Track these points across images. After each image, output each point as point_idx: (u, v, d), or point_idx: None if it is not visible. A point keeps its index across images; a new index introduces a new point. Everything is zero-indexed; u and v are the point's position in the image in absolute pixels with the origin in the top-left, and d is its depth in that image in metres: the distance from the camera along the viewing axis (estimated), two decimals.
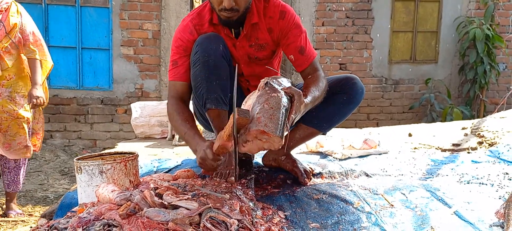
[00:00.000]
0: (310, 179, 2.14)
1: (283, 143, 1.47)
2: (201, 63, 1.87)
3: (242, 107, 1.63)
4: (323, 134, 2.16)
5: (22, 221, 3.45)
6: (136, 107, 3.73)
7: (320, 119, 2.06)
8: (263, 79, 1.62)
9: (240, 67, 2.09)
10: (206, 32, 1.99)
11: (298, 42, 1.99)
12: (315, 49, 6.79)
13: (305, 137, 2.16)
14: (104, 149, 6.14)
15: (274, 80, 1.63)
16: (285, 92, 1.56)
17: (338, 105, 2.02)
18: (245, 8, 1.90)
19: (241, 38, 2.01)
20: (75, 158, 1.72)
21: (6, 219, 3.45)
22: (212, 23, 1.99)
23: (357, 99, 2.04)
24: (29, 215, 3.73)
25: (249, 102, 1.61)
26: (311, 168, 2.23)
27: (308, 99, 1.69)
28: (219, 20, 1.96)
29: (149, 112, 3.65)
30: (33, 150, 3.50)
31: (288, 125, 1.52)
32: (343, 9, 6.77)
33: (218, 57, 1.87)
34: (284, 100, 1.52)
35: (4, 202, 3.69)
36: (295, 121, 1.64)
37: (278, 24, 2.00)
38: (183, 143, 3.40)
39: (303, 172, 2.11)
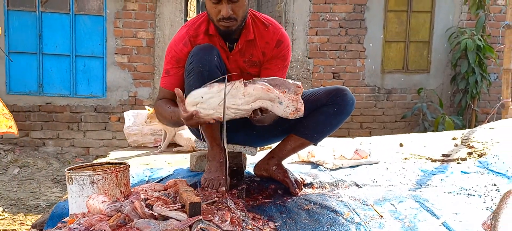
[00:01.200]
0: (301, 189, 2.15)
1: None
2: (195, 73, 1.88)
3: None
4: (314, 144, 2.18)
5: (13, 230, 3.44)
6: (129, 116, 3.73)
7: (310, 129, 2.08)
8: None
9: (232, 79, 2.11)
10: (200, 43, 2.02)
11: (274, 73, 2.02)
12: (309, 58, 6.84)
13: (296, 147, 2.18)
14: (97, 157, 6.13)
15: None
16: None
17: (328, 116, 2.05)
18: (242, 18, 1.93)
19: (235, 53, 2.03)
20: (66, 168, 1.73)
21: None
22: (207, 34, 2.01)
23: (347, 111, 2.07)
24: (20, 223, 3.72)
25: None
26: (302, 178, 2.24)
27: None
28: (217, 30, 1.98)
29: (142, 120, 3.65)
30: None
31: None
32: (336, 18, 6.83)
33: (212, 67, 1.88)
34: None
35: None
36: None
37: (272, 52, 2.04)
38: (175, 150, 3.40)
39: (293, 182, 2.13)
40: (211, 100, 1.66)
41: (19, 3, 6.22)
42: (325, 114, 2.05)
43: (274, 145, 2.31)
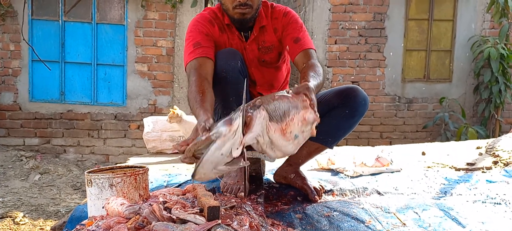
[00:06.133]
0: (321, 196, 2.11)
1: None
2: (218, 78, 1.87)
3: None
4: (330, 148, 2.14)
5: None
6: (148, 122, 3.75)
7: (324, 133, 2.02)
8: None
9: (252, 72, 2.10)
10: (221, 28, 2.02)
11: (295, 34, 2.01)
12: (328, 67, 6.79)
13: (311, 152, 2.14)
14: (117, 164, 6.18)
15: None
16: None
17: (341, 119, 1.98)
18: (257, 6, 1.96)
19: (251, 41, 2.05)
20: (86, 171, 1.73)
21: None
22: (225, 24, 2.02)
23: (360, 112, 2.00)
24: (40, 229, 3.75)
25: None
26: (321, 186, 2.20)
27: (311, 83, 1.65)
28: (232, 21, 1.99)
29: (161, 127, 3.67)
30: None
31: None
32: (356, 27, 6.78)
33: (236, 73, 1.88)
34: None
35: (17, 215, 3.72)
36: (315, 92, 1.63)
37: (281, 22, 2.05)
38: None
39: (313, 189, 2.09)
40: (231, 150, 1.46)
41: (43, 12, 6.35)
42: (338, 117, 1.99)
43: None
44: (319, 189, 2.13)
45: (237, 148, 1.45)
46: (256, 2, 1.94)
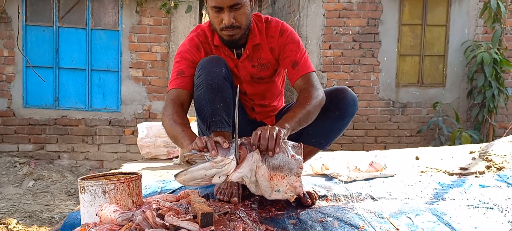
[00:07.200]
0: (314, 200, 2.12)
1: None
2: (204, 86, 1.87)
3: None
4: (322, 150, 2.15)
5: None
6: (143, 128, 3.75)
7: (317, 136, 2.04)
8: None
9: (243, 87, 2.10)
10: (211, 51, 2.01)
11: (293, 57, 1.99)
12: (322, 72, 6.82)
13: (305, 155, 2.14)
14: (111, 170, 6.16)
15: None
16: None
17: (331, 122, 1.99)
18: (246, 26, 1.92)
19: (243, 59, 2.02)
20: (79, 178, 1.73)
21: None
22: (214, 44, 2.01)
23: (349, 113, 2.00)
24: None
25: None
26: (314, 190, 2.21)
27: (289, 125, 1.73)
28: (221, 41, 1.97)
29: (155, 132, 3.66)
30: None
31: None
32: (350, 32, 6.81)
33: (221, 79, 1.87)
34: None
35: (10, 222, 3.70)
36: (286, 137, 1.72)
37: (278, 42, 2.02)
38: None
39: (305, 193, 2.09)
40: (214, 176, 1.57)
41: (37, 18, 6.34)
42: (328, 120, 1.99)
43: None
44: (312, 192, 2.14)
45: (220, 177, 1.57)
46: (244, 22, 1.89)
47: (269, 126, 1.66)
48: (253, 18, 2.00)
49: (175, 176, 1.58)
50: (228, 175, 1.57)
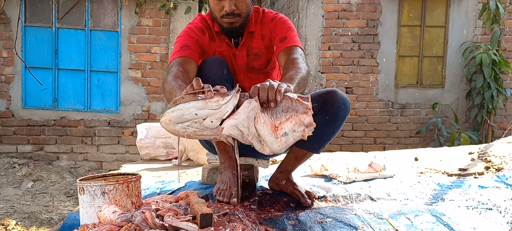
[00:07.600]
0: (313, 199, 2.12)
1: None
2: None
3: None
4: (317, 153, 2.15)
5: None
6: (142, 129, 3.75)
7: (310, 140, 2.00)
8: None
9: (240, 80, 2.10)
10: (213, 37, 2.01)
11: (282, 34, 1.98)
12: (321, 73, 6.82)
13: (300, 158, 2.15)
14: (110, 171, 6.15)
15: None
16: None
17: (323, 125, 1.94)
18: (246, 14, 1.95)
19: (240, 47, 2.05)
20: (78, 179, 1.73)
21: None
22: (214, 31, 2.03)
23: (340, 116, 1.97)
24: None
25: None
26: (312, 190, 2.21)
27: (289, 83, 1.62)
28: (221, 29, 1.99)
29: (154, 133, 3.66)
30: None
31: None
32: (349, 33, 6.81)
33: (222, 81, 1.88)
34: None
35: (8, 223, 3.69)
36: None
37: (268, 27, 2.04)
38: (186, 164, 3.39)
39: (304, 193, 2.10)
40: (206, 118, 1.40)
41: (36, 19, 6.34)
42: (320, 123, 1.95)
43: (283, 156, 2.28)
44: (310, 192, 2.15)
45: (212, 121, 1.41)
46: (245, 10, 1.92)
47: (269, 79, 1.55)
48: (252, 10, 2.03)
49: (161, 115, 1.42)
50: (223, 121, 1.41)
